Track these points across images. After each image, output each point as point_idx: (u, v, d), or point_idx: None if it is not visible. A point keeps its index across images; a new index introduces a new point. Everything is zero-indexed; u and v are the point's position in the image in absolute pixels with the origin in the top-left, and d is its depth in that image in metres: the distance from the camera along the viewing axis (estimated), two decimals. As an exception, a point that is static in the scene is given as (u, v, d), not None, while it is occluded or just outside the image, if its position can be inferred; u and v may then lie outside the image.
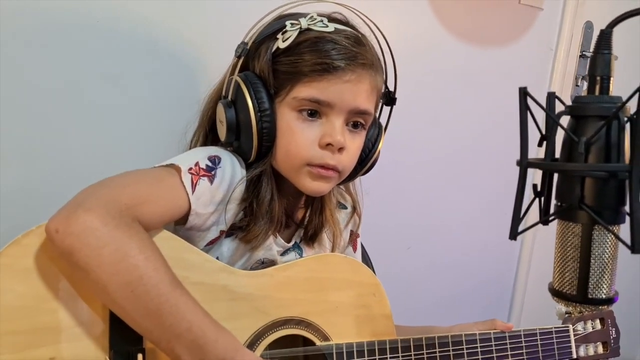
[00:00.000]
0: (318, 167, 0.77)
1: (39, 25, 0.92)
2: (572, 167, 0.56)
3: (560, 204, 0.59)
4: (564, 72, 1.62)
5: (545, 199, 0.61)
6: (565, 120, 0.58)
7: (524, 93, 0.56)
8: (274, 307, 0.79)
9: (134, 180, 0.71)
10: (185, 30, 1.03)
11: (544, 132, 0.59)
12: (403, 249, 1.49)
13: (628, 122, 0.55)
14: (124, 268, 0.62)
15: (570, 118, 0.57)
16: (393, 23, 1.32)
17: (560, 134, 0.58)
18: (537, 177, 0.62)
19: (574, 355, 0.97)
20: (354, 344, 0.82)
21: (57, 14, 0.93)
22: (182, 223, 0.75)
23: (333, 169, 0.78)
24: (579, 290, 0.57)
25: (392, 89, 0.88)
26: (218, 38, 0.81)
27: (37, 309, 0.64)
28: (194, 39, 1.04)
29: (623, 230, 0.57)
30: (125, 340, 0.67)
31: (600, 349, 1.00)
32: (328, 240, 0.92)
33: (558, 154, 0.59)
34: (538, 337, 0.94)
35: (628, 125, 0.55)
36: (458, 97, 1.46)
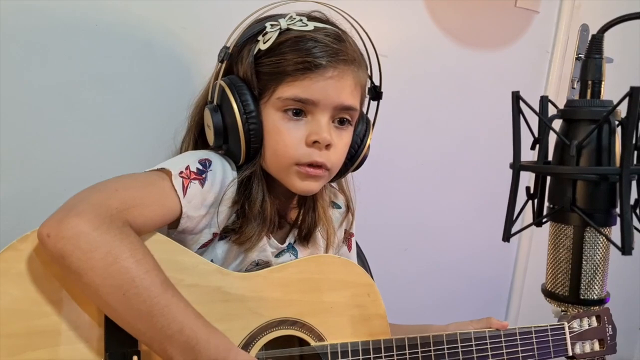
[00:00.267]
0: (306, 166, 0.79)
1: (38, 28, 0.93)
2: (563, 170, 0.58)
3: (553, 206, 0.61)
4: (560, 74, 1.64)
5: (539, 201, 0.63)
6: (558, 124, 0.60)
7: (517, 97, 0.58)
8: (269, 308, 0.80)
9: (125, 185, 0.72)
10: (182, 34, 1.04)
11: (537, 135, 0.61)
12: (400, 251, 1.51)
13: (619, 125, 0.57)
14: (116, 271, 0.63)
15: (563, 121, 0.60)
16: (389, 25, 1.34)
17: (554, 137, 0.60)
18: (531, 179, 0.65)
19: (570, 353, 0.98)
20: (349, 344, 0.84)
21: (55, 17, 0.94)
22: (174, 227, 0.77)
23: (321, 168, 0.80)
24: (571, 291, 0.60)
25: (377, 84, 0.89)
26: (215, 41, 0.83)
27: (33, 313, 0.66)
28: (191, 42, 1.05)
29: (615, 232, 0.59)
30: (121, 343, 0.69)
31: (597, 346, 1.01)
32: (322, 239, 0.93)
33: (551, 157, 0.62)
34: (533, 335, 0.95)
35: (619, 129, 0.57)
36: (454, 99, 1.48)
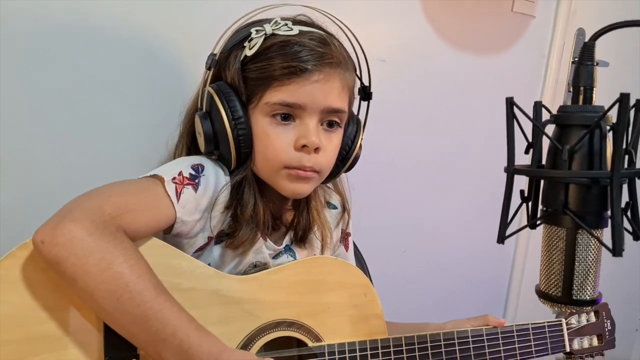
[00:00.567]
0: (296, 169, 0.81)
1: (39, 32, 0.94)
2: (556, 174, 0.61)
3: (546, 209, 0.64)
4: (557, 78, 1.68)
5: (533, 204, 0.66)
6: (552, 129, 0.63)
7: (511, 103, 0.61)
8: (266, 310, 0.83)
9: (119, 191, 0.74)
10: (177, 40, 1.06)
11: (531, 139, 0.64)
12: (398, 252, 1.54)
13: (610, 130, 0.60)
14: (109, 276, 0.66)
15: (555, 126, 0.62)
16: (387, 30, 1.36)
17: (547, 141, 0.63)
18: (526, 182, 0.67)
19: (567, 349, 1.01)
20: (346, 344, 0.87)
21: (56, 21, 0.95)
22: (168, 231, 0.79)
23: (311, 170, 0.82)
24: (564, 292, 0.63)
25: (366, 84, 0.91)
26: (210, 49, 0.85)
27: (33, 319, 0.68)
28: (186, 48, 1.07)
29: (606, 234, 0.62)
30: (119, 347, 0.71)
31: (595, 342, 1.04)
32: (318, 241, 0.95)
33: (545, 160, 0.65)
34: (530, 331, 0.98)
35: (610, 134, 0.60)
36: (453, 102, 1.51)
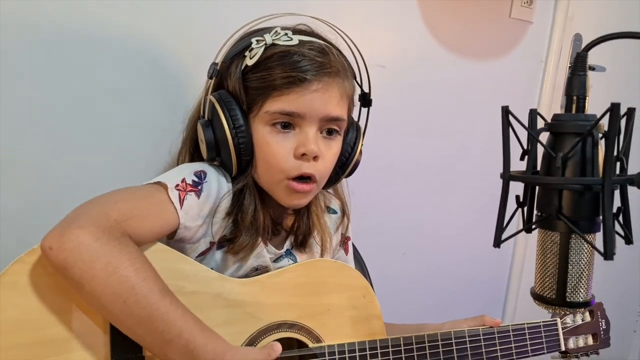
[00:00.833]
0: (295, 180, 0.85)
1: (43, 41, 0.97)
2: (550, 180, 0.65)
3: (541, 214, 0.67)
4: (554, 83, 1.71)
5: (528, 209, 0.70)
6: (546, 136, 0.67)
7: (506, 112, 0.64)
8: (267, 312, 0.86)
9: (124, 197, 0.78)
10: (179, 49, 1.09)
11: (526, 147, 0.68)
12: (398, 255, 1.58)
13: (602, 138, 0.64)
14: (116, 280, 0.69)
15: (550, 134, 0.66)
16: (385, 36, 1.39)
17: (542, 148, 0.66)
18: (522, 187, 0.71)
19: (562, 348, 1.05)
20: (345, 345, 0.91)
21: (60, 29, 0.98)
22: (172, 236, 0.83)
23: (310, 181, 0.86)
24: (558, 294, 0.66)
25: (367, 91, 0.95)
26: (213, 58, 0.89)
27: (41, 323, 0.71)
28: (188, 57, 1.10)
29: (598, 239, 0.66)
30: (126, 349, 0.75)
31: (590, 341, 1.08)
32: (317, 245, 0.99)
33: (540, 167, 0.68)
34: (526, 331, 1.02)
35: (602, 142, 0.64)
36: (452, 107, 1.54)
